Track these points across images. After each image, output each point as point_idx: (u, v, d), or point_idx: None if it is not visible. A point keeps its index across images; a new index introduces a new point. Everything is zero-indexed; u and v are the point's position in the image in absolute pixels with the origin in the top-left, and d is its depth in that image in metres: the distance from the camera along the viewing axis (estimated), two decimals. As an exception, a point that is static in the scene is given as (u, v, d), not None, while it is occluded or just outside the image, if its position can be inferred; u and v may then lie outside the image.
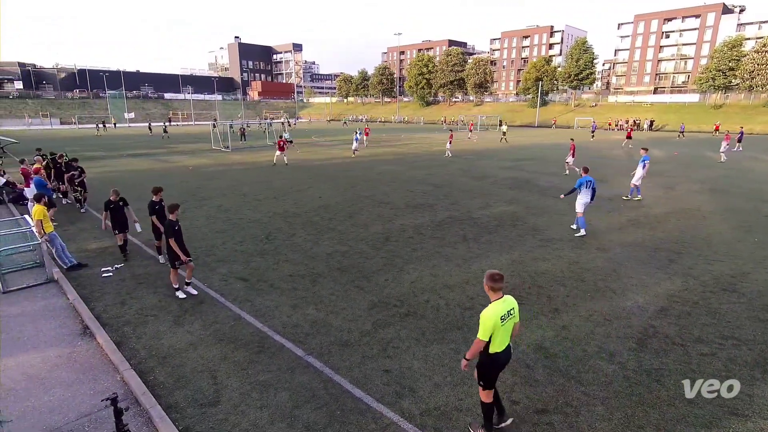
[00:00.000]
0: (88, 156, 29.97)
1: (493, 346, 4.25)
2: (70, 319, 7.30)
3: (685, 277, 8.80)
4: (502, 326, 4.23)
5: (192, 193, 17.50)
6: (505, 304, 4.31)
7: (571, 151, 22.88)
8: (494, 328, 4.16)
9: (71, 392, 5.40)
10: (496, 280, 4.28)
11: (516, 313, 4.44)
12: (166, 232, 7.65)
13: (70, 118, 78.06)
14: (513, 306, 4.40)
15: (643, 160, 15.82)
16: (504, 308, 4.26)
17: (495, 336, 4.21)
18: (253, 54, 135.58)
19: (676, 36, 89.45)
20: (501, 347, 4.30)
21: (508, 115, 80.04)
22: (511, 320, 4.38)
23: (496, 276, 4.29)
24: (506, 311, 4.27)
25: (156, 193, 9.32)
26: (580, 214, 11.70)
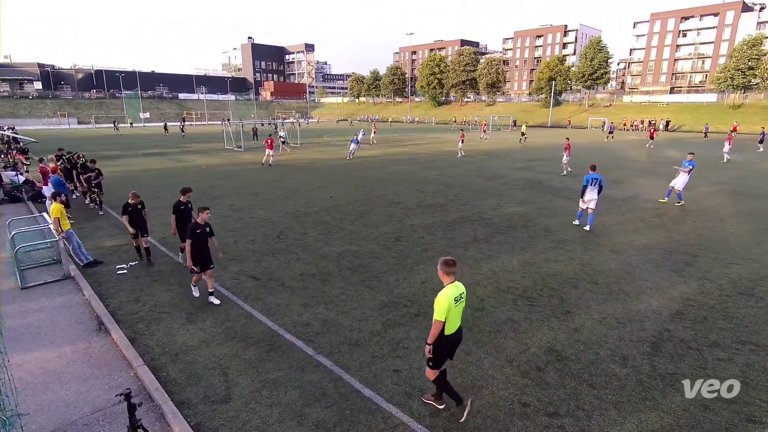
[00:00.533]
0: (105, 155, 30.50)
1: (447, 327, 4.59)
2: (85, 315, 7.44)
3: (701, 280, 8.64)
4: (455, 307, 4.61)
5: (205, 192, 17.69)
6: (456, 288, 4.67)
7: (566, 151, 22.84)
8: (449, 309, 4.52)
9: (86, 387, 5.50)
10: (449, 265, 4.66)
11: (464, 298, 4.79)
12: (187, 234, 7.45)
13: (87, 117, 79.46)
14: (463, 291, 4.76)
15: (688, 164, 15.01)
16: (456, 291, 4.64)
17: (448, 317, 4.56)
18: (265, 54, 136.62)
19: (694, 35, 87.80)
20: (454, 329, 4.69)
21: (521, 115, 79.36)
22: (462, 303, 4.75)
23: (449, 261, 4.68)
24: (458, 294, 4.65)
25: (184, 193, 9.05)
26: (582, 208, 12.35)
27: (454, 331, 4.69)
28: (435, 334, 4.57)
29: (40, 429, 4.79)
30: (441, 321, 4.51)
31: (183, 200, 8.98)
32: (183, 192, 9.05)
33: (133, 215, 9.41)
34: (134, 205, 9.42)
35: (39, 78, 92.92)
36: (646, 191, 17.69)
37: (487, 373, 5.65)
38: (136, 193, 9.52)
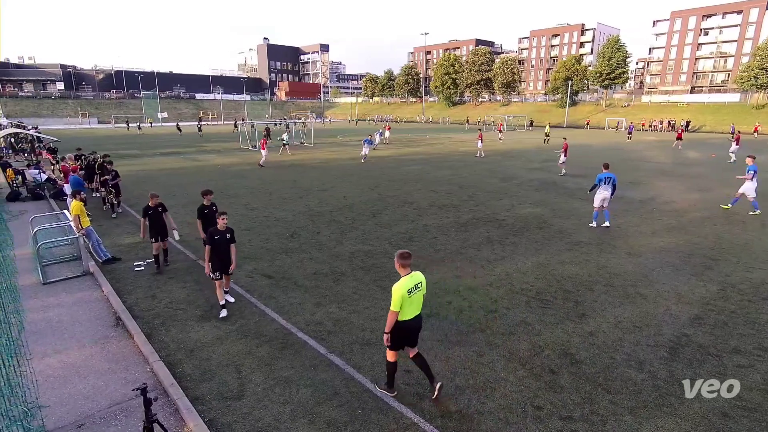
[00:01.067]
0: (123, 154, 31.12)
1: (402, 315, 4.90)
2: (104, 311, 7.60)
3: (721, 284, 8.43)
4: (410, 298, 4.90)
5: (220, 191, 17.90)
6: (412, 279, 4.95)
7: (563, 151, 22.64)
8: (403, 300, 4.82)
9: (104, 381, 5.62)
10: (405, 257, 4.96)
11: (423, 287, 5.08)
12: (206, 239, 7.21)
13: (107, 117, 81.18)
14: (420, 280, 5.04)
15: (750, 169, 13.94)
16: (412, 282, 4.93)
17: (404, 307, 4.87)
18: (281, 55, 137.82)
19: (716, 33, 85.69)
20: (409, 316, 4.99)
21: (536, 115, 78.52)
22: (419, 293, 5.03)
23: (405, 254, 4.99)
24: (414, 285, 4.94)
25: (205, 195, 8.72)
26: (597, 208, 12.17)
27: (410, 318, 4.99)
28: (390, 323, 4.90)
29: (60, 421, 4.91)
30: (395, 311, 4.85)
31: (206, 203, 8.68)
32: (204, 194, 8.73)
33: (153, 219, 9.01)
34: (154, 208, 9.01)
35: (61, 78, 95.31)
36: (665, 193, 17.34)
37: (500, 375, 5.60)
38: (155, 194, 9.15)
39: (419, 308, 5.08)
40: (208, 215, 8.51)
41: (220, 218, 7.15)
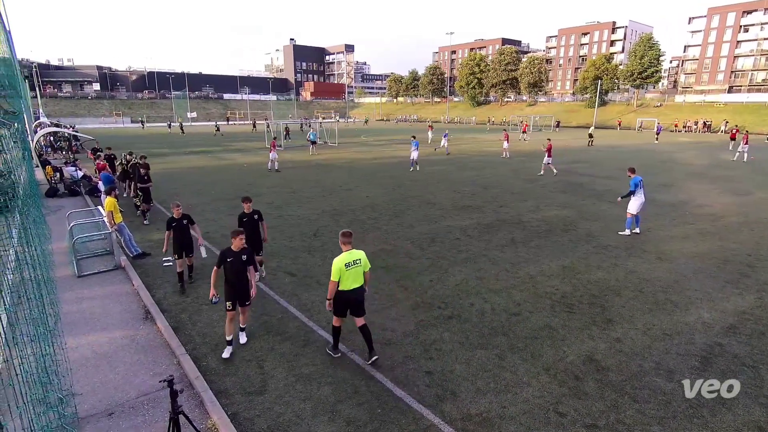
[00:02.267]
0: (155, 152, 32.09)
1: (342, 285, 5.66)
2: (134, 304, 7.86)
3: (759, 293, 8.05)
4: (347, 271, 5.65)
5: (245, 190, 18.24)
6: (350, 255, 5.71)
7: (547, 152, 22.35)
8: (341, 272, 5.60)
9: (133, 371, 5.81)
10: (345, 236, 5.77)
11: (363, 263, 5.80)
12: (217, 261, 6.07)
13: (140, 117, 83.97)
14: (359, 257, 5.78)
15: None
16: (350, 258, 5.68)
17: (343, 278, 5.64)
18: (306, 55, 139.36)
19: (757, 30, 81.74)
20: (349, 287, 5.70)
21: (564, 115, 76.77)
22: (357, 267, 5.74)
23: (346, 233, 5.80)
24: (351, 260, 5.69)
25: (245, 202, 8.00)
26: (631, 214, 11.61)
27: (349, 289, 5.71)
28: (331, 292, 5.68)
29: (92, 409, 5.10)
30: (334, 281, 5.61)
31: (246, 211, 7.92)
32: (244, 201, 8.02)
33: (177, 232, 8.07)
34: (179, 220, 8.06)
35: (97, 79, 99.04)
36: (698, 196, 16.69)
37: (522, 380, 5.51)
38: (178, 204, 8.15)
39: (358, 281, 5.78)
40: (247, 224, 7.80)
41: (237, 237, 5.99)
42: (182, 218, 8.12)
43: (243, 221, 7.85)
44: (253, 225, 7.92)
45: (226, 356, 6.04)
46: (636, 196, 11.47)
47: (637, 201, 11.47)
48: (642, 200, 11.51)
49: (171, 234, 8.03)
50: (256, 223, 8.00)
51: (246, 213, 7.95)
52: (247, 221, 7.88)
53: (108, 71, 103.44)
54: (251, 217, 7.96)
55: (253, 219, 7.93)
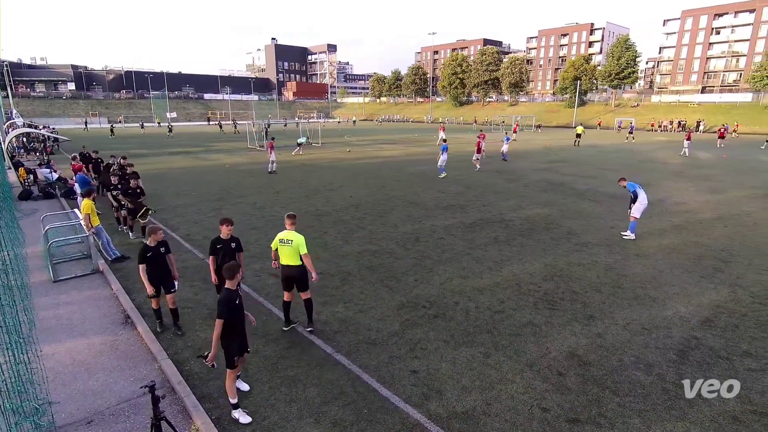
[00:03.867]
0: (134, 153, 31.41)
1: (281, 259, 6.42)
2: (113, 309, 7.68)
3: (732, 287, 8.32)
4: (281, 247, 6.33)
5: (228, 191, 18.02)
6: (286, 234, 6.33)
7: (477, 147, 23.36)
8: (276, 245, 6.39)
9: (113, 378, 5.68)
10: (289, 217, 6.48)
11: (295, 245, 6.26)
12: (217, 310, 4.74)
13: (117, 117, 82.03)
14: (292, 238, 6.28)
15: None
16: (285, 236, 6.33)
17: (280, 253, 6.39)
18: (288, 55, 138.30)
19: (728, 32, 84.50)
20: (284, 262, 6.38)
21: (544, 115, 77.96)
22: (289, 247, 6.28)
23: (289, 215, 6.50)
24: (285, 238, 6.30)
25: (223, 224, 6.58)
26: (635, 218, 11.25)
27: (285, 264, 6.37)
28: (274, 258, 6.60)
29: (69, 417, 4.97)
30: (273, 249, 6.50)
31: (223, 236, 6.54)
32: (223, 223, 6.57)
33: (154, 262, 6.47)
34: (155, 248, 6.51)
35: (72, 79, 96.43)
36: (675, 194, 17.15)
37: (506, 377, 5.58)
38: (155, 229, 6.65)
39: (291, 260, 6.31)
40: (222, 251, 6.47)
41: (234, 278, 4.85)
42: (159, 246, 6.55)
43: (217, 248, 6.47)
44: (230, 255, 6.39)
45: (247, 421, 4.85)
46: (639, 201, 11.15)
47: (641, 205, 11.20)
48: (645, 204, 11.25)
49: (146, 268, 6.41)
50: (233, 253, 6.51)
51: (222, 239, 6.53)
52: (222, 249, 6.47)
53: (83, 70, 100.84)
54: (228, 245, 6.53)
55: (230, 247, 6.50)
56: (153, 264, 6.47)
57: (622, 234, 11.53)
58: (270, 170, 22.80)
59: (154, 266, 6.50)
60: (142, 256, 6.40)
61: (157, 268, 6.55)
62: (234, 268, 4.87)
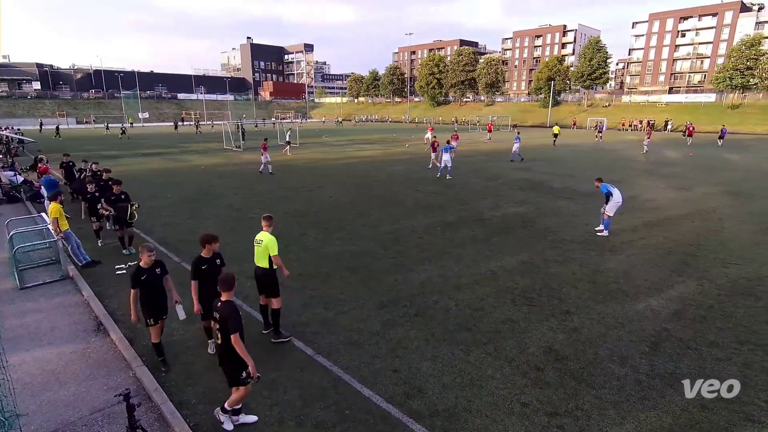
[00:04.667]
0: (105, 155, 30.46)
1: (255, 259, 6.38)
2: (84, 316, 7.43)
3: (699, 280, 8.65)
4: (256, 247, 6.35)
5: (204, 192, 17.68)
6: (259, 234, 6.38)
7: (431, 147, 24.11)
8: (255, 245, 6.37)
9: (85, 387, 5.49)
10: (264, 219, 6.48)
11: (264, 245, 6.23)
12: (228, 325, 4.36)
13: (85, 117, 79.35)
14: (262, 239, 6.29)
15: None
16: (258, 236, 6.37)
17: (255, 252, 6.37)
18: (265, 54, 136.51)
19: (692, 35, 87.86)
20: (256, 262, 6.39)
21: (520, 115, 79.30)
22: (259, 246, 6.31)
23: (265, 216, 6.50)
24: (258, 239, 6.35)
25: (208, 243, 5.82)
26: (609, 216, 11.56)
27: (256, 264, 6.37)
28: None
29: (39, 429, 4.78)
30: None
31: (205, 255, 5.79)
32: (208, 242, 5.81)
33: (148, 287, 5.66)
34: (150, 270, 5.70)
35: (38, 78, 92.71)
36: (645, 191, 17.71)
37: (486, 373, 5.65)
38: (151, 249, 5.73)
39: (260, 261, 6.31)
40: (206, 272, 5.70)
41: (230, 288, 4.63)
42: (154, 267, 5.73)
43: (202, 270, 5.71)
44: (216, 274, 5.40)
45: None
46: (613, 200, 11.42)
47: (614, 204, 11.49)
48: (619, 203, 11.54)
49: (138, 293, 5.62)
50: (219, 270, 5.77)
51: (205, 258, 5.79)
52: (207, 269, 5.70)
53: (49, 69, 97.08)
54: (213, 263, 5.81)
55: (215, 265, 5.79)
56: (148, 289, 5.65)
57: (596, 231, 11.83)
58: (263, 171, 22.15)
59: (150, 291, 5.67)
60: (135, 279, 5.55)
61: (154, 294, 5.72)
62: (232, 278, 4.63)
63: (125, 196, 10.45)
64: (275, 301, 6.41)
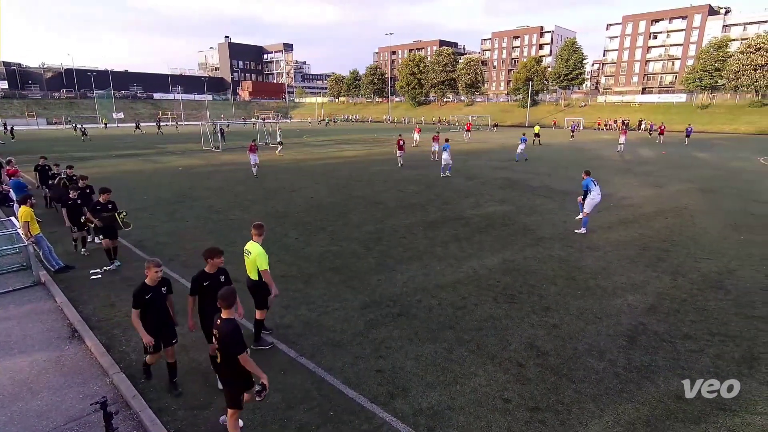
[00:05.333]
0: (77, 156, 29.57)
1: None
2: (58, 323, 7.19)
3: (673, 275, 8.92)
4: (244, 256, 6.04)
5: (183, 194, 17.34)
6: (248, 244, 6.02)
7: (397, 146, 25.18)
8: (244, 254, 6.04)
9: (60, 396, 5.32)
10: (254, 227, 6.09)
11: (253, 257, 5.88)
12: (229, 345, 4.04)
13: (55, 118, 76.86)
14: (251, 250, 5.93)
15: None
16: (247, 246, 6.02)
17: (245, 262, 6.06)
18: (243, 54, 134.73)
19: (664, 37, 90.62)
20: (247, 273, 6.09)
21: (499, 115, 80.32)
22: (247, 257, 5.99)
23: (255, 224, 6.11)
24: (246, 249, 6.01)
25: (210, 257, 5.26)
26: (586, 214, 11.82)
27: (247, 276, 6.09)
28: None
29: (11, 441, 4.61)
30: None
31: (209, 270, 5.26)
32: (212, 256, 5.26)
33: (154, 306, 5.20)
34: (156, 288, 5.23)
35: (5, 77, 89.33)
36: (621, 189, 18.16)
37: (469, 371, 5.71)
38: (158, 264, 5.27)
39: (249, 272, 6.06)
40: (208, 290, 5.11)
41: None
42: (160, 285, 5.28)
43: (203, 286, 5.19)
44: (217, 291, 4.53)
45: None
46: (591, 197, 11.64)
47: (592, 201, 11.69)
48: (597, 201, 11.75)
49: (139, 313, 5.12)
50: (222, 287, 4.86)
51: (209, 273, 5.27)
52: (210, 286, 5.11)
53: (17, 68, 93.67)
54: (216, 278, 5.26)
55: (218, 281, 5.21)
56: (152, 309, 5.17)
57: (575, 231, 11.98)
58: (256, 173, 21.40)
59: (154, 312, 5.19)
60: (138, 298, 5.07)
61: (157, 314, 5.23)
62: (233, 293, 4.15)
63: (112, 205, 9.46)
64: (258, 312, 6.21)
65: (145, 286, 5.16)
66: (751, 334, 6.56)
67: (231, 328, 3.99)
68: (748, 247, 10.58)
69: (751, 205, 15.23)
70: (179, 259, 9.85)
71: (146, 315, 5.14)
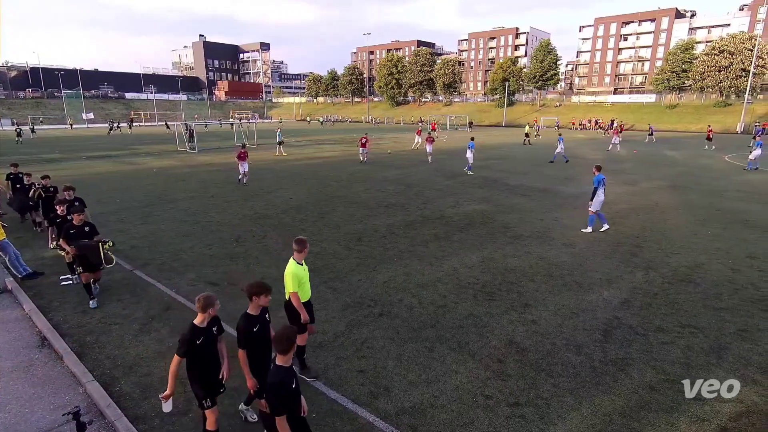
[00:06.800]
0: (46, 158, 28.51)
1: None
2: (26, 331, 6.91)
3: (645, 270, 9.20)
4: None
5: (158, 196, 16.92)
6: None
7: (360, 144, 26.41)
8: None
9: (29, 407, 5.11)
10: (294, 242, 5.65)
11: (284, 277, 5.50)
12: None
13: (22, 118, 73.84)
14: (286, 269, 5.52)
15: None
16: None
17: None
18: (218, 53, 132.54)
19: (634, 39, 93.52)
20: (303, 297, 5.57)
21: (477, 115, 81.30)
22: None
23: (295, 240, 5.68)
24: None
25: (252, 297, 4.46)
26: (593, 212, 11.86)
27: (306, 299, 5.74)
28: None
29: (-23, 457, 4.41)
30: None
31: (252, 312, 4.44)
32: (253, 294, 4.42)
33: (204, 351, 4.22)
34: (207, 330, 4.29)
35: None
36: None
37: (451, 368, 5.76)
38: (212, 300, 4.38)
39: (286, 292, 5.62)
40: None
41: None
42: (211, 325, 4.30)
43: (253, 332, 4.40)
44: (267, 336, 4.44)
45: None
46: (600, 194, 11.75)
47: (599, 199, 11.77)
48: (602, 198, 11.86)
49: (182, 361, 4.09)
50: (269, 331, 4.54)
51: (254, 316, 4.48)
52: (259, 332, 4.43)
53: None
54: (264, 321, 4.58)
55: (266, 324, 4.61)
56: (205, 355, 4.16)
57: (582, 230, 11.94)
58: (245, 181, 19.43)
59: (204, 358, 4.17)
60: (189, 343, 4.02)
61: (210, 361, 4.24)
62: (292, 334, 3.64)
63: (90, 228, 7.79)
64: (299, 337, 4.99)
65: (196, 329, 4.12)
66: (718, 325, 6.82)
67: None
68: (715, 242, 11.01)
69: (717, 201, 15.85)
70: (154, 263, 9.61)
71: (197, 362, 4.14)
